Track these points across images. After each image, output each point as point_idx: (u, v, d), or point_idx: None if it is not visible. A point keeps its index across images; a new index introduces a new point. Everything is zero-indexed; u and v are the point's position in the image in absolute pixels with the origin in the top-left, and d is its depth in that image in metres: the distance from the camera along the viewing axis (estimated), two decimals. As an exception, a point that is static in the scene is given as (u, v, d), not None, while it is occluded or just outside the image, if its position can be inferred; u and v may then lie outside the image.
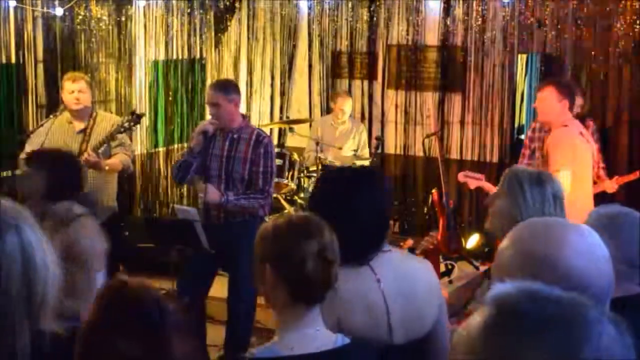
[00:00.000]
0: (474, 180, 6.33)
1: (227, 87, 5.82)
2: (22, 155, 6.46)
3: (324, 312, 2.48)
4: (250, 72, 9.87)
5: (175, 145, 9.08)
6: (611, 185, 6.72)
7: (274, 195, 8.00)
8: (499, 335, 1.29)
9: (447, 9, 8.63)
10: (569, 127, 6.03)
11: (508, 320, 1.30)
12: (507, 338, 1.28)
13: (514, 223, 3.09)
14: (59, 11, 7.51)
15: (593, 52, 8.00)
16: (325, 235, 2.39)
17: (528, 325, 1.27)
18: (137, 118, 6.33)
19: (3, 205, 2.07)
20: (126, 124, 6.22)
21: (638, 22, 7.74)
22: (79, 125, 6.36)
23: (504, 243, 2.03)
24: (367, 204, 2.82)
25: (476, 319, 1.35)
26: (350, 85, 9.34)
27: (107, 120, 6.45)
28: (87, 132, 6.31)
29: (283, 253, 2.35)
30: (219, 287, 6.11)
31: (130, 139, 6.78)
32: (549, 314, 1.29)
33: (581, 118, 6.67)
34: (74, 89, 6.29)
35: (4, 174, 7.15)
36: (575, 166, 5.77)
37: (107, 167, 6.20)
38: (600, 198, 6.44)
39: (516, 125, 8.62)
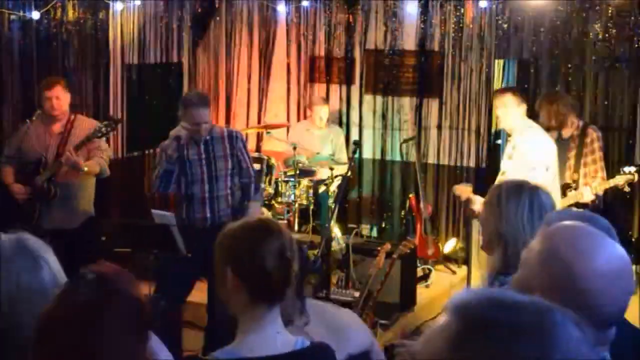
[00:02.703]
0: (464, 193, 6.55)
1: (207, 101, 5.97)
2: (1, 159, 6.44)
3: None
4: (227, 77, 9.85)
5: (151, 150, 9.05)
6: (589, 195, 6.70)
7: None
8: (468, 346, 1.24)
9: (425, 14, 8.66)
10: (536, 128, 6.28)
11: (477, 331, 1.25)
12: (478, 349, 1.23)
13: (495, 234, 3.09)
14: (35, 15, 7.47)
15: (569, 58, 8.05)
16: (284, 234, 2.42)
17: (499, 335, 1.23)
18: (113, 123, 6.35)
19: (35, 240, 2.15)
20: (103, 129, 6.23)
21: (614, 27, 7.81)
22: (57, 129, 6.34)
23: (533, 242, 2.00)
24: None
25: (438, 329, 1.29)
26: (327, 90, 9.34)
27: (85, 123, 6.43)
28: (65, 135, 6.30)
29: (243, 253, 2.37)
30: (200, 292, 6.10)
31: (108, 143, 6.75)
32: (519, 321, 1.25)
33: (583, 125, 6.79)
34: (51, 96, 6.26)
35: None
36: (548, 164, 5.99)
37: (85, 168, 6.19)
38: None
39: (493, 130, 8.66)
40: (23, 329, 2.00)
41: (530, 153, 6.10)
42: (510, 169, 6.21)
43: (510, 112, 6.33)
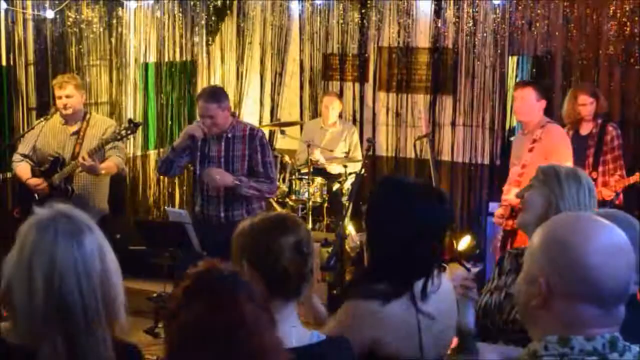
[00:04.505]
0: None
1: (218, 96, 5.79)
2: (15, 157, 6.46)
3: (359, 328, 2.54)
4: (240, 74, 9.86)
5: (166, 148, 9.06)
6: (608, 192, 6.72)
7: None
8: None
9: (438, 11, 8.63)
10: (555, 124, 6.23)
11: None
12: None
13: (550, 213, 3.06)
14: (49, 13, 7.50)
15: (583, 54, 8.02)
16: (302, 230, 2.44)
17: None
18: (134, 127, 6.34)
19: (73, 209, 2.15)
20: (122, 132, 6.25)
21: (628, 23, 7.76)
22: (72, 128, 6.37)
23: (534, 236, 2.01)
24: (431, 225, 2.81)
25: None
26: (341, 88, 9.33)
27: (100, 123, 6.45)
28: (81, 135, 6.32)
29: (260, 247, 2.38)
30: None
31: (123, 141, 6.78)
32: None
33: (603, 123, 6.80)
34: (62, 95, 6.28)
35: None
36: (570, 162, 5.96)
37: (103, 171, 6.22)
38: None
39: (507, 127, 8.62)
40: (62, 296, 2.01)
41: (561, 147, 6.05)
42: (531, 162, 6.03)
43: (530, 105, 6.27)
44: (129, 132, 6.31)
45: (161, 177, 8.90)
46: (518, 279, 2.03)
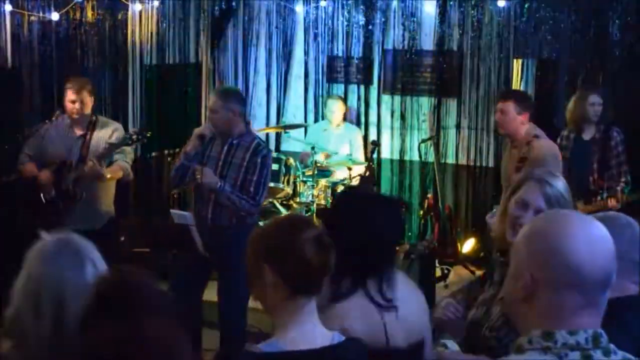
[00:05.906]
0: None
1: (228, 96, 5.79)
2: (22, 159, 6.45)
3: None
4: (245, 77, 9.86)
5: (169, 151, 9.06)
6: (613, 203, 6.61)
7: (270, 199, 8.01)
8: None
9: (443, 14, 8.63)
10: (542, 137, 6.08)
11: None
12: None
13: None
14: (54, 16, 7.50)
15: (588, 57, 8.00)
16: (317, 226, 2.48)
17: None
18: (142, 136, 6.27)
19: (79, 239, 2.26)
20: (134, 136, 6.22)
21: (633, 25, 7.75)
22: (79, 131, 6.36)
23: (518, 235, 2.06)
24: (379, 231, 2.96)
25: None
26: (346, 90, 9.33)
27: (107, 126, 6.44)
28: (87, 138, 6.31)
29: (281, 246, 2.38)
30: (214, 292, 6.09)
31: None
32: None
33: (606, 127, 6.75)
34: (76, 99, 6.26)
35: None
36: (558, 172, 5.90)
37: (109, 175, 6.21)
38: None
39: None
40: (70, 326, 2.07)
41: (548, 164, 5.98)
42: None
43: (510, 120, 6.11)
44: (140, 136, 6.27)
45: (164, 179, 8.90)
46: (507, 277, 2.06)
